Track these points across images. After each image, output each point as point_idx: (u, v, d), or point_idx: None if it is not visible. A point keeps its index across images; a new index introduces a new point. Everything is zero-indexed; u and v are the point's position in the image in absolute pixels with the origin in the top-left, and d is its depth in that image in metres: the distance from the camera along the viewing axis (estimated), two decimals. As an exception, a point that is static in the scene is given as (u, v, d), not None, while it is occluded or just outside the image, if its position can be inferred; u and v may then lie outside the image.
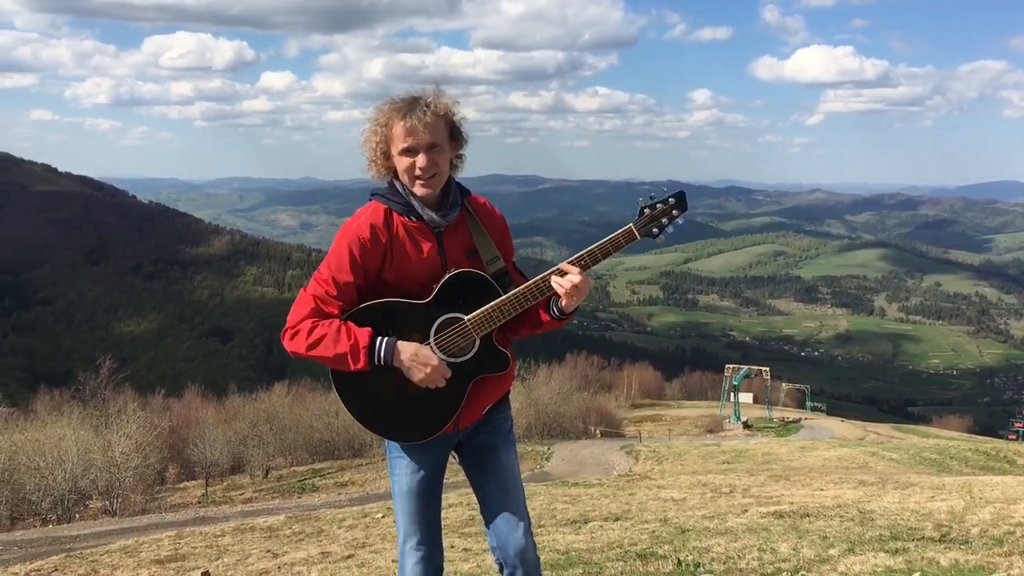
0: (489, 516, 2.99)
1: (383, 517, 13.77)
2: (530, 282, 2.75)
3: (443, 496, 3.15)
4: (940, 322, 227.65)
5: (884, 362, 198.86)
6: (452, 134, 2.79)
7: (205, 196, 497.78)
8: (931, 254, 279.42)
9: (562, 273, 2.71)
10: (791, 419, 63.75)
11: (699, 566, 6.32)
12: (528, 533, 2.98)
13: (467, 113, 2.87)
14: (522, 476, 3.09)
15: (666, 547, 7.58)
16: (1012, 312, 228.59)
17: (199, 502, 28.19)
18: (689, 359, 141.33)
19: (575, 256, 2.72)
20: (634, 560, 6.95)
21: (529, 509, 10.62)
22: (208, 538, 13.81)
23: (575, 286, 2.69)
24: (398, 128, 2.71)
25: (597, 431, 47.73)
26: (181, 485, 35.67)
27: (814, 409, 78.36)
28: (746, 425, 57.30)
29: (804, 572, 5.82)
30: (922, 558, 6.22)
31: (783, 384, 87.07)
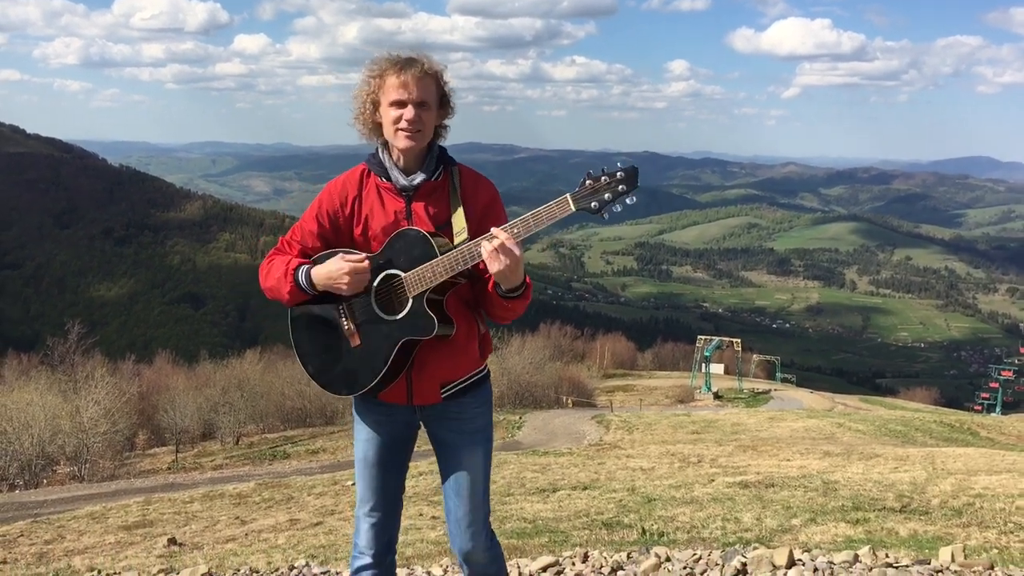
0: (446, 511, 3.01)
1: (353, 484, 13.79)
2: (463, 245, 2.68)
3: (413, 464, 3.13)
4: (910, 295, 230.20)
5: (854, 334, 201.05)
6: (442, 100, 2.83)
7: (177, 160, 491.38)
8: (902, 228, 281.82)
9: (489, 238, 2.62)
10: (761, 390, 64.35)
11: (663, 535, 6.38)
12: (477, 537, 2.96)
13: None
14: (493, 446, 3.06)
15: (632, 516, 7.65)
16: (980, 286, 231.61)
17: (169, 468, 28.10)
18: (662, 330, 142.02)
19: (507, 224, 2.64)
20: (600, 528, 7.01)
21: (499, 478, 10.73)
22: (176, 504, 13.79)
23: (495, 250, 2.56)
24: (392, 80, 2.75)
25: (569, 401, 47.97)
26: (151, 451, 35.55)
27: (784, 380, 79.13)
28: (716, 396, 57.78)
29: (765, 542, 5.89)
30: (882, 528, 6.31)
31: (754, 355, 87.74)
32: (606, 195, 2.56)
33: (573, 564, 4.03)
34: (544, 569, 3.98)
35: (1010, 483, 8.81)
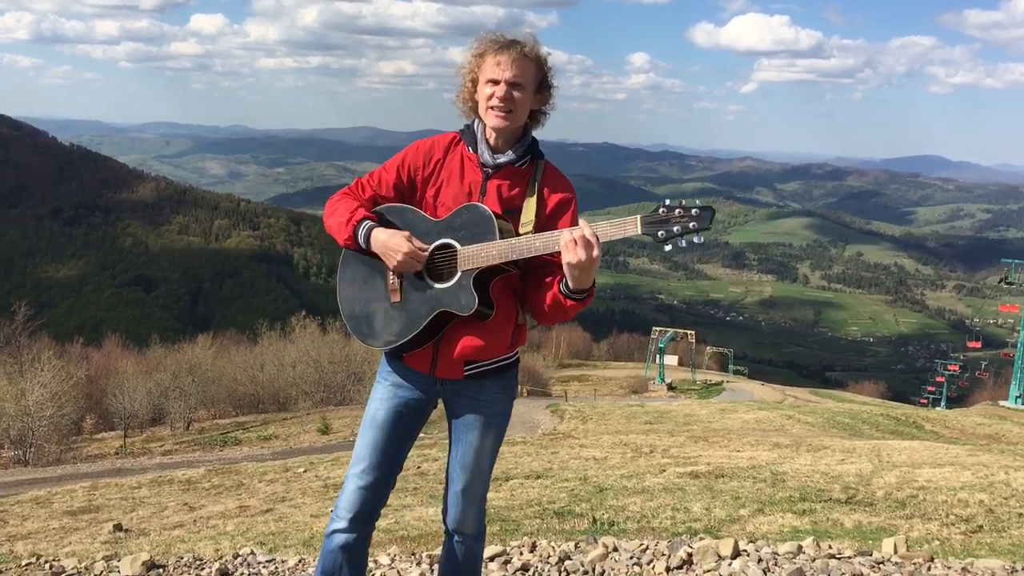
0: (447, 482, 3.00)
1: (304, 472, 13.70)
2: (523, 237, 2.67)
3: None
4: (860, 291, 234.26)
5: (805, 328, 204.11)
6: (540, 85, 2.82)
7: (130, 140, 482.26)
8: (855, 224, 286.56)
9: (575, 230, 2.59)
10: (714, 382, 65.14)
11: (614, 524, 6.42)
12: (471, 511, 2.98)
13: (404, 66, 2.94)
14: (447, 434, 3.05)
15: (583, 505, 7.69)
16: (928, 283, 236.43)
17: (117, 453, 27.64)
18: (618, 321, 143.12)
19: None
20: (551, 517, 7.03)
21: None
22: (124, 490, 13.59)
23: (574, 240, 2.52)
24: (490, 59, 2.76)
25: (524, 390, 48.12)
26: (99, 436, 34.95)
27: (736, 372, 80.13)
28: (670, 387, 58.35)
29: (714, 532, 5.96)
30: (827, 519, 6.42)
31: (707, 347, 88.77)
32: (675, 227, 2.56)
33: (521, 553, 4.03)
34: (492, 559, 3.98)
35: (952, 476, 9.00)
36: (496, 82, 2.74)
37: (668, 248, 2.59)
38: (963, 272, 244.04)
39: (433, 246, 2.79)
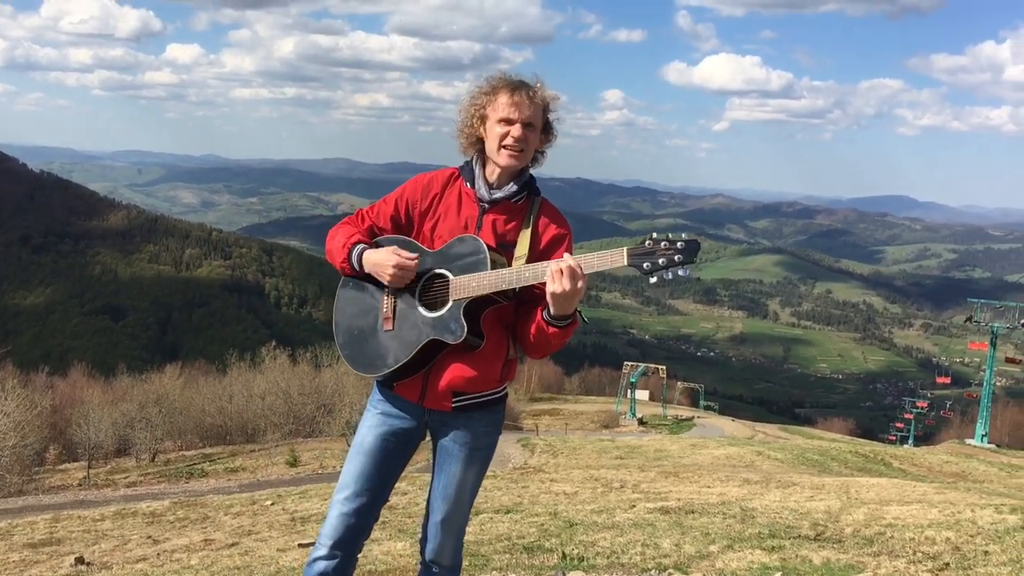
0: (427, 512, 3.01)
1: (272, 504, 13.52)
2: (514, 267, 2.73)
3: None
4: (829, 328, 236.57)
5: (775, 364, 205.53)
6: (546, 126, 2.90)
7: (101, 168, 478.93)
8: (824, 262, 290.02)
9: (561, 261, 2.65)
10: (684, 417, 65.29)
11: (583, 560, 6.39)
12: (449, 542, 2.99)
13: (379, 99, 2.99)
14: (418, 466, 3.07)
15: (553, 540, 7.64)
16: (896, 321, 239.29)
17: (80, 485, 27.16)
18: (590, 355, 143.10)
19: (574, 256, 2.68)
20: (520, 553, 6.98)
21: (422, 501, 10.56)
22: (86, 522, 13.33)
23: (561, 270, 2.58)
24: (504, 98, 2.81)
25: (495, 423, 47.99)
26: (62, 467, 34.32)
27: (707, 408, 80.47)
28: (641, 422, 58.43)
29: (683, 568, 5.94)
30: (796, 556, 6.43)
31: (678, 383, 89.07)
32: (661, 260, 2.60)
33: None
34: None
35: (920, 513, 9.06)
36: (511, 122, 2.80)
37: (654, 280, 2.64)
38: (930, 311, 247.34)
39: (427, 275, 2.83)
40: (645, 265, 2.59)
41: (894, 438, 69.95)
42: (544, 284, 2.66)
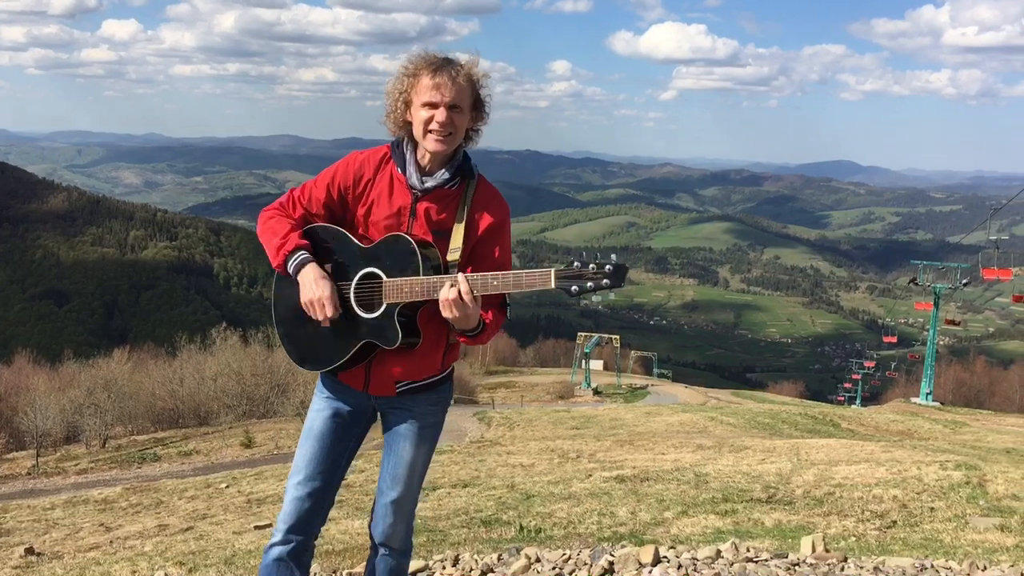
0: (377, 494, 3.00)
1: (227, 487, 13.40)
2: (434, 276, 2.68)
3: None
4: (778, 293, 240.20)
5: (727, 330, 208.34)
6: (475, 104, 2.81)
7: (39, 149, 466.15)
8: (772, 228, 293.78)
9: (453, 284, 2.63)
10: (639, 385, 65.99)
11: (540, 531, 6.44)
12: (400, 523, 2.99)
13: (325, 74, 2.91)
14: (375, 443, 3.05)
15: (510, 513, 7.69)
16: (842, 284, 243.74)
17: (28, 474, 26.62)
18: (543, 327, 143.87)
19: (478, 274, 2.64)
20: (478, 526, 7.01)
21: (378, 477, 10.44)
22: (36, 512, 13.12)
23: (448, 300, 2.59)
24: (426, 80, 2.71)
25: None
26: (9, 456, 33.59)
27: (661, 376, 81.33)
28: (596, 391, 58.91)
29: (638, 536, 6.02)
30: (749, 519, 6.54)
31: (632, 351, 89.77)
32: (588, 283, 2.57)
33: (443, 567, 4.02)
34: (413, 574, 3.95)
35: (867, 472, 9.27)
36: (434, 105, 2.72)
37: (583, 302, 2.64)
38: (875, 274, 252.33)
39: (362, 273, 2.80)
40: (573, 288, 2.58)
41: (842, 399, 71.51)
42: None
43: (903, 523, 6.20)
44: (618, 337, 71.06)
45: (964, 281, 50.20)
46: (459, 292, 2.58)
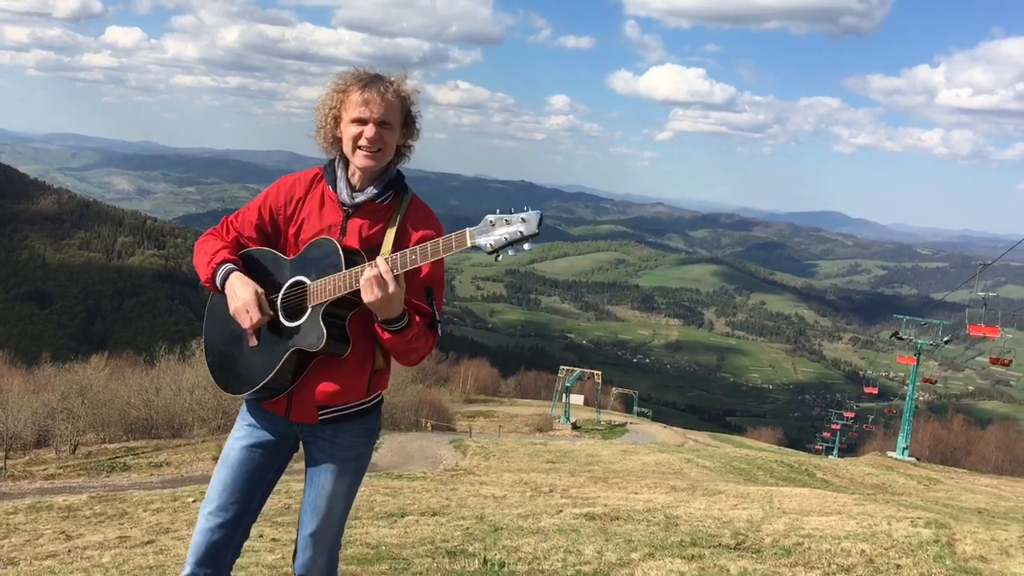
0: (298, 526, 2.92)
1: (194, 502, 13.23)
2: (355, 267, 2.63)
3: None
4: (762, 339, 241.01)
5: (709, 372, 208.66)
6: (406, 120, 2.80)
7: (33, 150, 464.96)
8: (759, 274, 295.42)
9: (372, 265, 2.57)
10: (618, 423, 65.90)
11: (504, 566, 6.37)
12: (319, 559, 2.90)
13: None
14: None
15: (476, 545, 7.61)
16: (826, 334, 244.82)
17: (-5, 476, 26.30)
18: (527, 358, 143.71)
19: (397, 252, 2.59)
20: (443, 557, 6.93)
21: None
22: (-3, 516, 12.87)
23: (369, 279, 2.52)
24: (355, 96, 2.71)
25: (428, 424, 47.76)
26: (-23, 457, 33.20)
27: (640, 414, 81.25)
28: (575, 426, 58.78)
29: (603, 576, 5.95)
30: (715, 565, 6.49)
31: (613, 388, 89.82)
32: (504, 236, 2.48)
33: None
34: None
35: (838, 524, 9.23)
36: (363, 121, 2.71)
37: (499, 259, 2.56)
38: (859, 325, 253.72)
39: (287, 285, 2.77)
40: (489, 244, 2.47)
41: (820, 448, 71.60)
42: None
43: (868, 578, 6.16)
44: (600, 373, 71.10)
45: (946, 339, 50.45)
46: (379, 270, 2.52)
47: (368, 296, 2.54)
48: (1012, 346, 57.45)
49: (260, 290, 2.73)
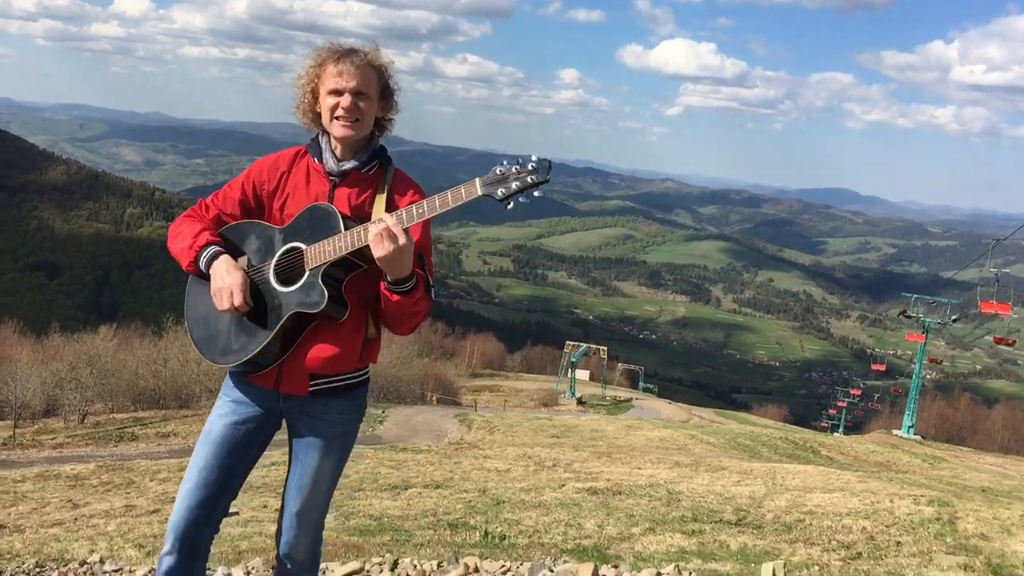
0: (282, 504, 2.89)
1: (199, 472, 13.32)
2: (357, 227, 2.62)
3: (268, 453, 2.98)
4: (769, 316, 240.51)
5: (715, 349, 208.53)
6: (383, 92, 2.81)
7: (42, 120, 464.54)
8: (767, 251, 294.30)
9: (378, 222, 2.55)
10: (623, 398, 65.93)
11: (505, 538, 6.40)
12: (303, 537, 2.88)
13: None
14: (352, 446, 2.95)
15: (478, 517, 7.65)
16: (834, 312, 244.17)
17: (5, 444, 26.48)
18: (533, 333, 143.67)
19: (407, 207, 2.59)
20: (444, 529, 6.97)
21: (353, 473, 10.58)
22: (6, 483, 13.04)
23: (380, 234, 2.49)
24: (330, 69, 2.73)
25: (433, 398, 47.89)
26: (-13, 425, 33.46)
27: (646, 390, 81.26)
28: (580, 401, 58.81)
29: (603, 549, 5.98)
30: (715, 540, 6.51)
31: (619, 364, 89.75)
32: (514, 184, 2.48)
33: (380, 570, 3.97)
34: (349, 575, 3.89)
35: (840, 502, 9.25)
36: (339, 92, 2.72)
37: (510, 207, 2.52)
38: (867, 303, 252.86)
39: (279, 252, 2.74)
40: (500, 191, 2.48)
41: (826, 426, 71.58)
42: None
43: (868, 555, 6.17)
44: (606, 348, 71.00)
45: (954, 318, 50.30)
46: (387, 223, 2.51)
47: (379, 251, 2.51)
48: (1020, 324, 57.22)
49: (246, 279, 2.71)
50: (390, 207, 2.75)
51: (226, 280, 2.68)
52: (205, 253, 2.75)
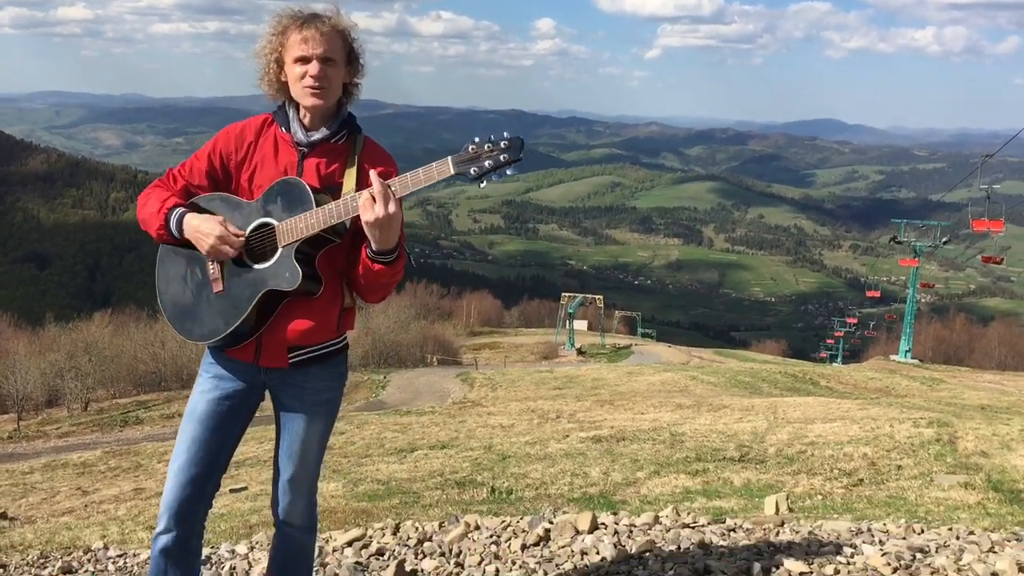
0: (275, 472, 2.91)
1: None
2: (341, 198, 2.60)
3: (270, 428, 3.00)
4: (762, 252, 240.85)
5: (711, 290, 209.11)
6: (349, 57, 2.75)
7: (17, 110, 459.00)
8: (756, 187, 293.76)
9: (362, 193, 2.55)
10: (622, 345, 66.23)
11: (512, 492, 6.46)
12: (298, 503, 2.92)
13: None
14: (355, 407, 2.98)
15: (485, 474, 7.72)
16: (826, 243, 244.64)
17: (10, 437, 26.59)
18: (529, 287, 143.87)
19: (386, 181, 2.55)
20: (452, 488, 7.04)
21: (359, 439, 10.63)
22: (15, 476, 13.10)
23: (370, 197, 2.48)
24: (295, 36, 2.67)
25: (434, 359, 48.09)
26: (-9, 420, 33.56)
27: (645, 336, 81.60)
28: (580, 352, 59.09)
29: (609, 496, 6.04)
30: (719, 478, 6.58)
31: (616, 311, 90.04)
32: (487, 162, 2.48)
33: (383, 535, 4.01)
34: (350, 543, 3.93)
35: (841, 431, 9.35)
36: (306, 60, 2.66)
37: (483, 185, 2.53)
38: (858, 232, 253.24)
39: (250, 228, 2.70)
40: (472, 170, 2.48)
41: (824, 356, 72.11)
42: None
43: (869, 481, 6.25)
44: (602, 297, 71.14)
45: (944, 239, 50.42)
46: (377, 188, 2.48)
47: (369, 215, 2.49)
48: (1011, 241, 57.35)
49: (222, 218, 2.69)
50: (360, 177, 2.72)
51: (207, 231, 2.66)
52: (175, 213, 2.72)
